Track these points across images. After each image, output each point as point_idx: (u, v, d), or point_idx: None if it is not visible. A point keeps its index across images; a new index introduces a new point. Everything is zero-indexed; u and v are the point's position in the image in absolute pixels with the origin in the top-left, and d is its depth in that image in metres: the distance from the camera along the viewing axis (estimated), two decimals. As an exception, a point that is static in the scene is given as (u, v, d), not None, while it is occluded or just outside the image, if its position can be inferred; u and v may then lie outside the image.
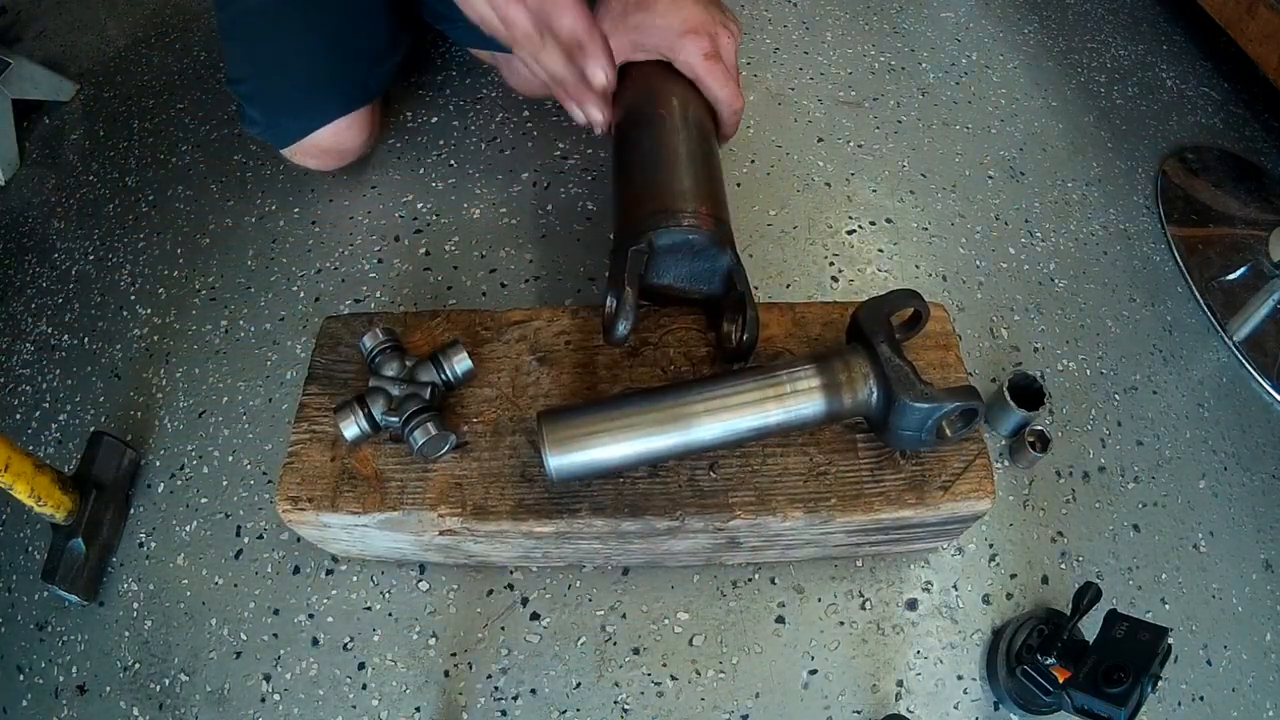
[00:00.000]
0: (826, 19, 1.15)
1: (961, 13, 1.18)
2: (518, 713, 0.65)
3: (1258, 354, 0.86)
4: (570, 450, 0.53)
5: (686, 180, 0.62)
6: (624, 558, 0.67)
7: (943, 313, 0.67)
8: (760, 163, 0.98)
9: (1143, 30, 1.18)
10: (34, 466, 0.66)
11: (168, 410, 0.81)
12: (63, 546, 0.69)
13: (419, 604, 0.70)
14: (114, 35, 1.18)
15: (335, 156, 0.91)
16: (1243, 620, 0.71)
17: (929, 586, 0.71)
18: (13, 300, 0.91)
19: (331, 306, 0.87)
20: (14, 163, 1.02)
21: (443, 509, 0.58)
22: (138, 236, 0.95)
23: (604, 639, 0.68)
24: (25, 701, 0.68)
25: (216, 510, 0.75)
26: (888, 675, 0.67)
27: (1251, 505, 0.77)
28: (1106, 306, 0.89)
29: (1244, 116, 1.08)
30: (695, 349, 0.65)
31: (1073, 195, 0.98)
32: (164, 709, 0.66)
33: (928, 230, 0.93)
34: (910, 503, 0.58)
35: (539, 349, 0.65)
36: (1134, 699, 0.50)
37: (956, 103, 1.06)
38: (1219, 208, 0.99)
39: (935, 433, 0.55)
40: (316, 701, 0.66)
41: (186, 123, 1.06)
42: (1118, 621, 0.54)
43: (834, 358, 0.55)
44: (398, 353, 0.61)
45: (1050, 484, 0.77)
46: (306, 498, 0.59)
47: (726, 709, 0.66)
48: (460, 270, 0.89)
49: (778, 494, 0.58)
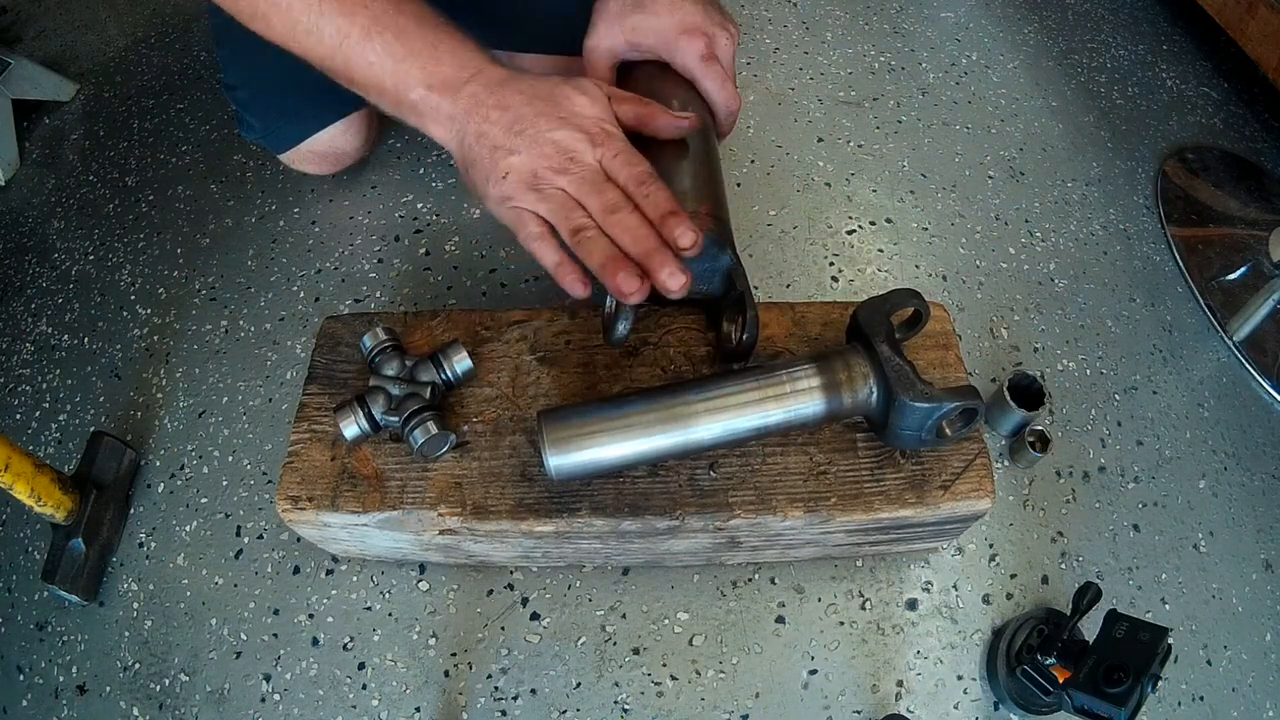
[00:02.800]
0: (826, 19, 1.15)
1: (961, 13, 1.18)
2: (518, 713, 0.65)
3: (1258, 354, 0.86)
4: (570, 450, 0.53)
5: (686, 180, 0.62)
6: (624, 558, 0.68)
7: (943, 313, 0.67)
8: (760, 163, 0.98)
9: (1143, 30, 1.18)
10: (34, 466, 0.66)
11: (168, 410, 0.81)
12: (63, 546, 0.69)
13: (419, 604, 0.70)
14: (114, 35, 1.18)
15: (333, 161, 0.91)
16: (1243, 620, 0.71)
17: (929, 586, 0.71)
18: (13, 300, 0.91)
19: (331, 306, 0.87)
20: (14, 163, 1.02)
21: (443, 508, 0.58)
22: (138, 236, 0.95)
23: (604, 639, 0.68)
24: (25, 701, 0.68)
25: (216, 510, 0.75)
26: (888, 675, 0.67)
27: (1251, 505, 0.77)
28: (1106, 306, 0.89)
29: (1244, 116, 1.08)
30: (695, 349, 0.65)
31: (1073, 195, 0.98)
32: (164, 709, 0.66)
33: (928, 230, 0.93)
34: (910, 502, 0.58)
35: (539, 349, 0.65)
36: (1134, 699, 0.50)
37: (956, 103, 1.06)
38: (1219, 208, 0.99)
39: (935, 432, 0.55)
40: (316, 701, 0.66)
41: (186, 123, 1.06)
42: (1118, 621, 0.54)
43: (834, 357, 0.55)
44: (398, 352, 0.61)
45: (1050, 484, 0.77)
46: (306, 497, 0.59)
47: (726, 709, 0.66)
48: (460, 270, 0.89)
49: (778, 493, 0.58)
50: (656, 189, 0.54)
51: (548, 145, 0.55)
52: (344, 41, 0.56)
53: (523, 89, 0.56)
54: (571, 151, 0.55)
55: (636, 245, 0.53)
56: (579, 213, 0.55)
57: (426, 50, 0.56)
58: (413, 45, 0.56)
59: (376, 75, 0.57)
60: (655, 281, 0.52)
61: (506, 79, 0.57)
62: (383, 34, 0.56)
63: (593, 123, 0.56)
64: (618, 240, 0.54)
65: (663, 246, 0.53)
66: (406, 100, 0.57)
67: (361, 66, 0.57)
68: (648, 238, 0.53)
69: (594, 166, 0.55)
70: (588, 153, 0.55)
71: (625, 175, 0.55)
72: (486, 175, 0.56)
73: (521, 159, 0.55)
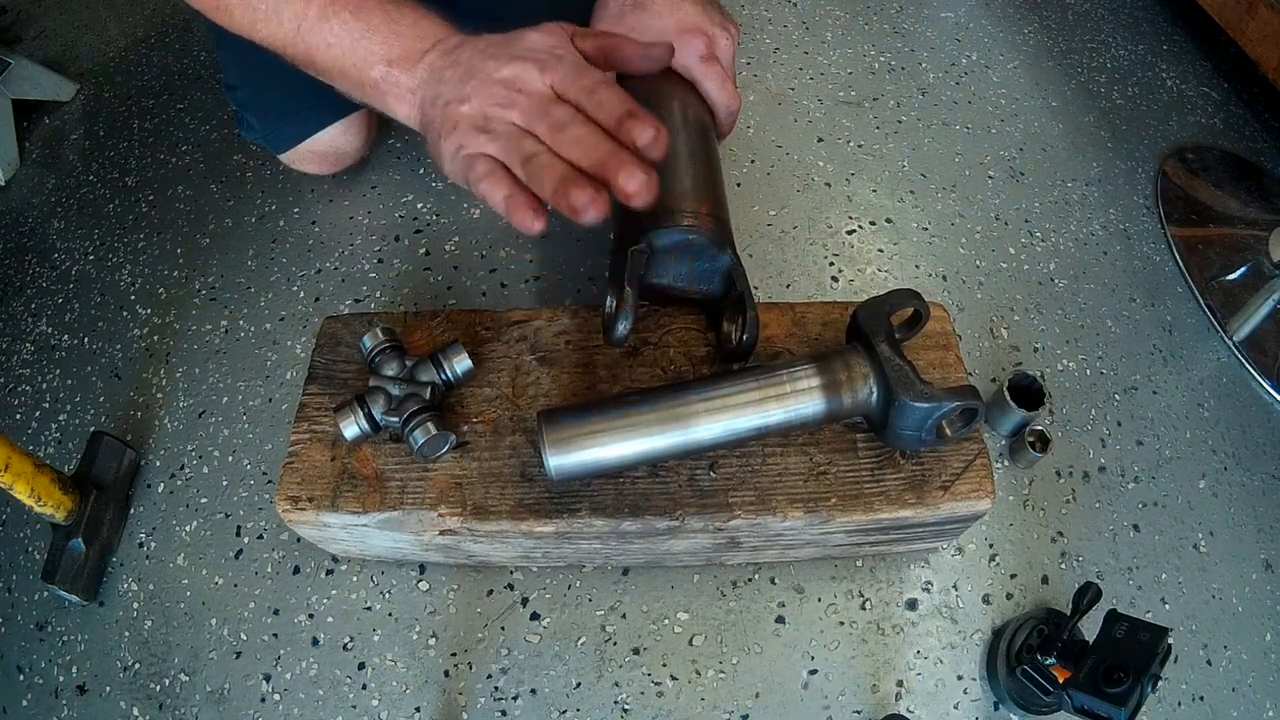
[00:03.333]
0: (826, 19, 1.15)
1: (961, 13, 1.18)
2: (518, 713, 0.65)
3: (1258, 354, 0.86)
4: (570, 450, 0.53)
5: (686, 180, 0.62)
6: (624, 558, 0.68)
7: (943, 313, 0.67)
8: (760, 163, 0.98)
9: (1143, 30, 1.18)
10: (34, 466, 0.66)
11: (168, 410, 0.81)
12: (63, 546, 0.69)
13: (419, 604, 0.70)
14: (114, 35, 1.18)
15: (333, 161, 0.91)
16: (1243, 620, 0.71)
17: (929, 586, 0.71)
18: (13, 300, 0.91)
19: (331, 306, 0.87)
20: (14, 163, 1.02)
21: (443, 509, 0.58)
22: (138, 236, 0.95)
23: (604, 639, 0.68)
24: (25, 701, 0.68)
25: (216, 510, 0.75)
26: (888, 675, 0.67)
27: (1251, 505, 0.77)
28: (1106, 306, 0.89)
29: (1244, 116, 1.08)
30: (695, 349, 0.65)
31: (1073, 195, 0.98)
32: (164, 709, 0.66)
33: (928, 230, 0.93)
34: (910, 503, 0.58)
35: (539, 349, 0.65)
36: (1134, 699, 0.50)
37: (956, 103, 1.06)
38: (1219, 208, 0.99)
39: (935, 432, 0.55)
40: (316, 701, 0.66)
41: (186, 123, 1.06)
42: (1118, 621, 0.54)
43: (834, 357, 0.55)
44: (398, 353, 0.61)
45: (1050, 484, 0.77)
46: (306, 498, 0.59)
47: (726, 709, 0.66)
48: (460, 270, 0.89)
49: (778, 494, 0.58)
50: (609, 93, 0.50)
51: (495, 85, 0.51)
52: (301, 24, 0.55)
53: (479, 44, 0.54)
54: (518, 82, 0.51)
55: (589, 155, 0.48)
56: (529, 140, 0.50)
57: (385, 25, 0.55)
58: (371, 21, 0.55)
59: (337, 56, 0.55)
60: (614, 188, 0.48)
61: (464, 41, 0.55)
62: (339, 13, 0.54)
63: (543, 51, 0.53)
64: (569, 156, 0.49)
65: (618, 149, 0.48)
66: (369, 79, 0.56)
67: (321, 49, 0.56)
68: (599, 144, 0.48)
69: (543, 91, 0.51)
70: (535, 80, 0.51)
71: (575, 89, 0.51)
72: (439, 132, 0.53)
73: (471, 105, 0.52)
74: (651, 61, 0.58)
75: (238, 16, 0.57)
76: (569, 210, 0.47)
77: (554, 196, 0.47)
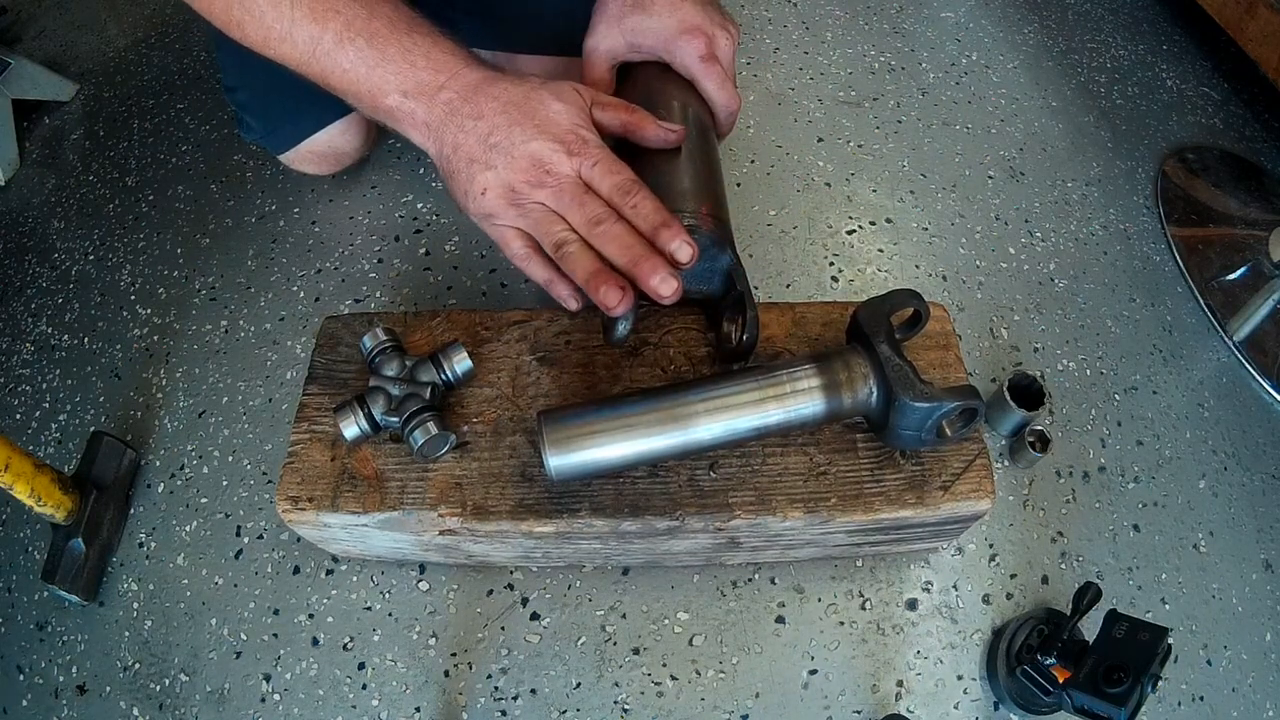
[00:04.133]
0: (826, 19, 1.15)
1: (961, 13, 1.18)
2: (518, 713, 0.65)
3: (1258, 354, 0.86)
4: (570, 450, 0.53)
5: (686, 180, 0.62)
6: (624, 558, 0.68)
7: (943, 313, 0.67)
8: (760, 163, 0.98)
9: (1143, 30, 1.18)
10: (34, 466, 0.66)
11: (168, 410, 0.81)
12: (63, 546, 0.69)
13: (419, 604, 0.70)
14: (114, 35, 1.18)
15: (332, 161, 0.91)
16: (1243, 620, 0.71)
17: (929, 586, 0.71)
18: (13, 300, 0.91)
19: (331, 306, 0.87)
20: (14, 163, 1.02)
21: (443, 509, 0.58)
22: (138, 236, 0.95)
23: (604, 639, 0.68)
24: (25, 701, 0.68)
25: (216, 510, 0.75)
26: (888, 675, 0.67)
27: (1251, 505, 0.77)
28: (1106, 306, 0.89)
29: (1244, 116, 1.08)
30: (695, 349, 0.65)
31: (1073, 195, 0.98)
32: (164, 709, 0.66)
33: (928, 230, 0.93)
34: (910, 503, 0.58)
35: (539, 349, 0.65)
36: (1134, 699, 0.50)
37: (956, 103, 1.06)
38: (1219, 208, 0.99)
39: (935, 432, 0.55)
40: (316, 701, 0.66)
41: (186, 123, 1.06)
42: (1118, 621, 0.54)
43: (834, 357, 0.55)
44: (398, 353, 0.61)
45: (1050, 484, 0.77)
46: (306, 498, 0.59)
47: (726, 709, 0.66)
48: (460, 270, 0.89)
49: (778, 494, 0.58)
50: (642, 199, 0.54)
51: (522, 158, 0.54)
52: (317, 48, 0.56)
53: (497, 94, 0.56)
54: (547, 163, 0.54)
55: (623, 255, 0.52)
56: (559, 226, 0.54)
57: (400, 55, 0.56)
58: (386, 50, 0.56)
59: (352, 81, 0.56)
60: (646, 289, 0.52)
61: (481, 82, 0.56)
62: (355, 40, 0.55)
63: (567, 131, 0.55)
64: (604, 251, 0.53)
65: (651, 253, 0.52)
66: (383, 105, 0.57)
67: (336, 73, 0.56)
68: (634, 246, 0.52)
69: (571, 177, 0.55)
70: (564, 164, 0.54)
71: (607, 185, 0.54)
72: (465, 190, 0.56)
73: (497, 174, 0.54)
74: (668, 142, 0.61)
75: (250, 33, 0.57)
76: (599, 304, 0.52)
77: (585, 286, 0.53)
